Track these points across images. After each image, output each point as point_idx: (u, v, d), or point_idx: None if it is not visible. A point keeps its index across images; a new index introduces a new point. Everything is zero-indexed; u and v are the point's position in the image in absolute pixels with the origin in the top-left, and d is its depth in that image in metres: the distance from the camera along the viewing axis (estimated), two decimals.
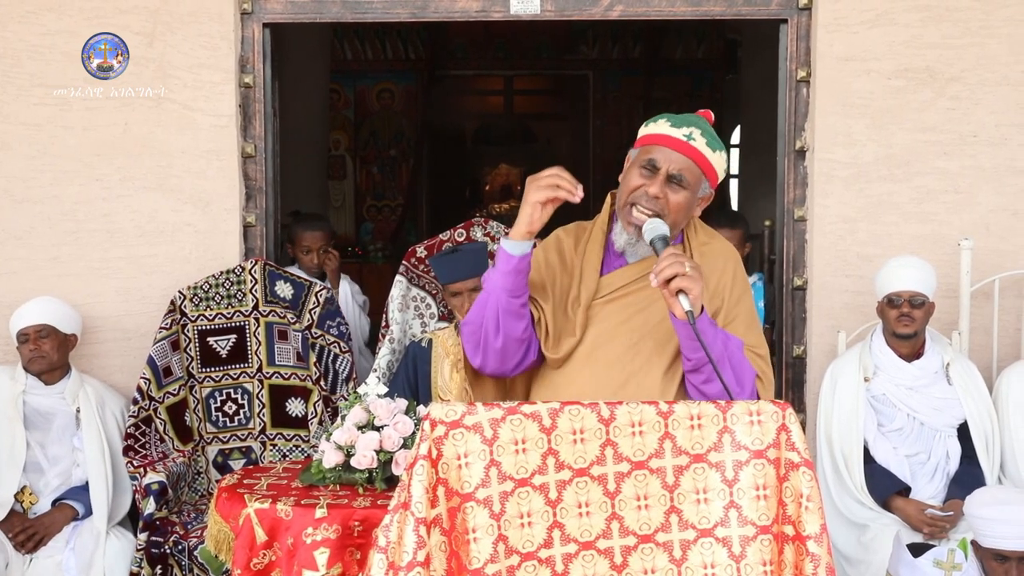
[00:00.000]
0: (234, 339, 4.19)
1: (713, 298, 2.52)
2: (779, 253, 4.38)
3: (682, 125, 2.52)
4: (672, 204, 2.49)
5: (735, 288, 2.54)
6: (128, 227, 4.28)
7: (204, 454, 4.18)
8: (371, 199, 11.86)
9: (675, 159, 2.50)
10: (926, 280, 3.76)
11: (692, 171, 2.51)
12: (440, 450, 2.01)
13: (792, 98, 4.29)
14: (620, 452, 2.05)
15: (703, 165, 2.52)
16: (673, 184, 2.49)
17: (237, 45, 4.26)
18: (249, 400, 4.22)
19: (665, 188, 2.49)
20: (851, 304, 4.19)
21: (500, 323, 2.48)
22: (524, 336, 2.51)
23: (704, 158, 2.52)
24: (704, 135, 2.53)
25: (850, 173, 4.21)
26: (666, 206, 2.49)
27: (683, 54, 11.77)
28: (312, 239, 5.00)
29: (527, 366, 2.59)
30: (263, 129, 4.33)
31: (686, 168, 2.50)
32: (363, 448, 3.10)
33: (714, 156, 2.53)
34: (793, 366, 4.35)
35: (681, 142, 2.51)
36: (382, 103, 11.90)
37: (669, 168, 2.49)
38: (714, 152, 2.52)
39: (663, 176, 2.49)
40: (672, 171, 2.49)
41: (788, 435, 2.07)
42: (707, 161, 2.52)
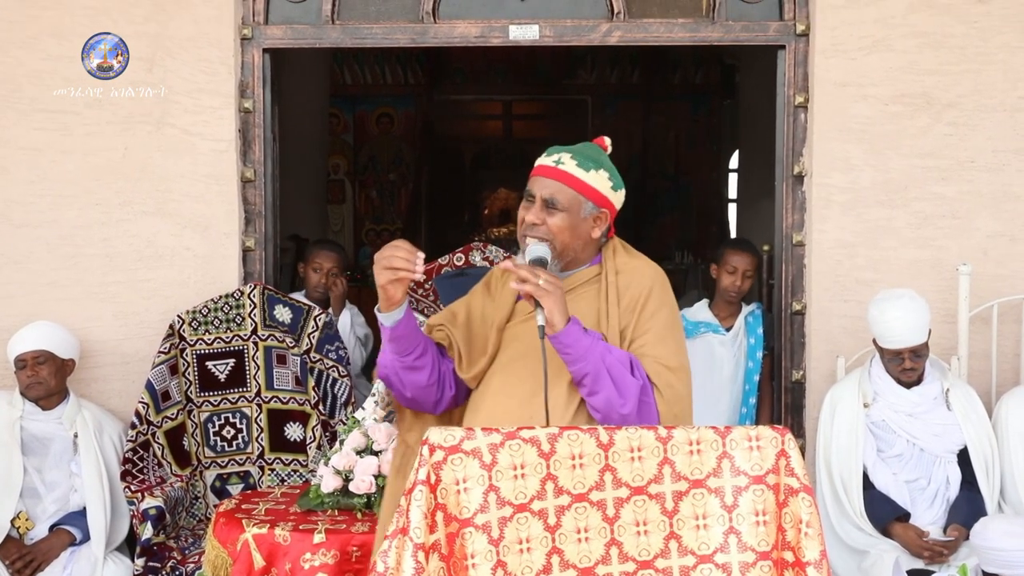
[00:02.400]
0: (233, 363, 4.19)
1: (624, 313, 2.59)
2: (778, 278, 4.39)
3: (554, 153, 2.67)
4: (552, 227, 2.60)
5: (649, 304, 2.60)
6: (127, 251, 4.28)
7: (202, 479, 4.17)
8: (370, 223, 11.87)
9: (546, 185, 2.62)
10: (923, 327, 3.72)
11: (564, 193, 2.61)
12: (439, 475, 2.01)
13: (790, 123, 4.31)
14: (619, 477, 2.05)
15: (576, 186, 2.61)
16: (549, 208, 2.61)
17: (237, 70, 4.28)
18: (247, 424, 4.21)
19: (542, 214, 2.62)
20: (850, 329, 4.19)
21: (402, 379, 2.62)
22: (430, 382, 2.63)
23: (575, 179, 2.62)
24: (575, 158, 2.65)
25: (848, 198, 4.22)
26: (548, 230, 2.60)
27: (681, 79, 11.82)
28: (325, 259, 4.99)
29: (450, 402, 2.69)
30: (262, 154, 4.35)
31: (557, 191, 2.61)
32: (362, 473, 3.10)
33: (588, 175, 2.62)
34: (792, 391, 4.34)
35: (549, 168, 2.64)
36: (381, 127, 11.93)
37: (542, 193, 2.62)
38: (587, 172, 2.63)
39: (538, 203, 2.62)
40: (544, 196, 2.62)
41: (787, 460, 2.07)
42: (579, 181, 2.62)
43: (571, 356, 2.45)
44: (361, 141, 11.89)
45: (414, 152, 11.89)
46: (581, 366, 2.45)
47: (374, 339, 5.12)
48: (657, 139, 11.91)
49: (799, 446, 2.19)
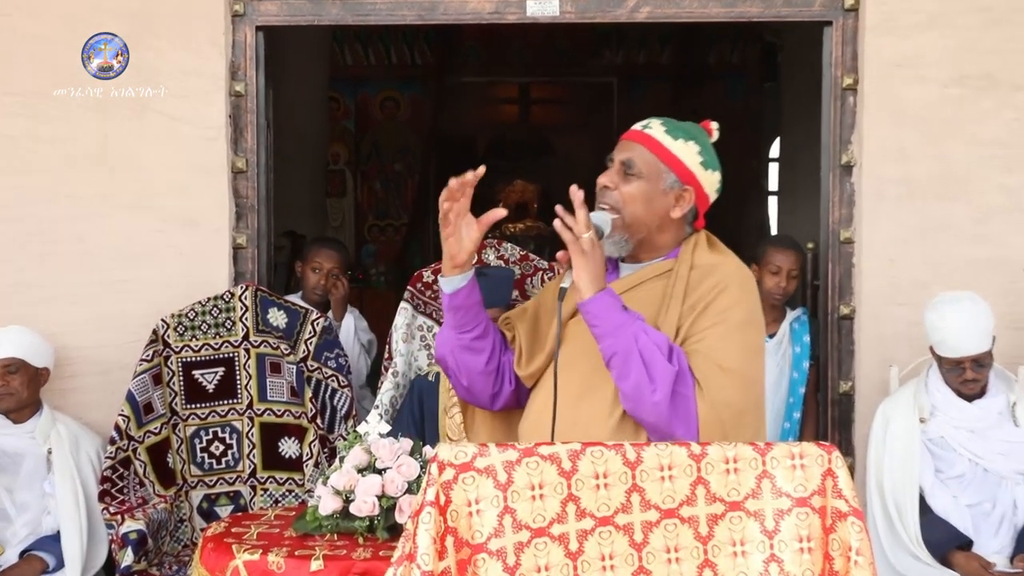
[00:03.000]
0: (222, 372, 4.20)
1: (687, 311, 2.55)
2: (823, 279, 4.38)
3: (646, 121, 2.66)
4: (624, 195, 2.59)
5: (719, 301, 2.54)
6: (105, 249, 4.30)
7: (188, 499, 4.19)
8: (373, 218, 11.91)
9: (627, 147, 2.62)
10: (986, 333, 3.71)
11: (645, 158, 2.60)
12: (449, 496, 2.01)
13: (837, 108, 4.30)
14: (648, 499, 2.05)
15: (659, 152, 2.60)
16: (625, 173, 2.60)
17: (228, 50, 4.30)
18: (238, 440, 4.23)
19: (616, 178, 2.61)
20: (904, 335, 4.18)
21: (458, 360, 2.64)
22: (488, 369, 2.66)
23: (659, 144, 2.61)
24: (665, 124, 2.64)
25: (902, 191, 4.21)
26: (619, 198, 2.59)
27: (717, 60, 11.81)
28: (325, 257, 5.01)
29: (510, 398, 2.72)
30: (255, 142, 4.36)
31: (637, 155, 2.60)
32: (363, 493, 3.10)
33: (676, 144, 2.61)
34: (839, 404, 4.33)
35: (635, 132, 2.65)
36: (386, 113, 11.97)
37: (620, 156, 2.62)
38: (675, 140, 2.61)
39: (615, 166, 2.62)
40: (622, 158, 2.61)
41: (835, 481, 2.06)
42: (663, 148, 2.60)
43: (599, 330, 2.44)
44: (364, 128, 11.93)
45: (421, 140, 11.93)
46: (610, 343, 2.43)
47: (378, 346, 5.13)
48: None
49: (848, 465, 2.19)
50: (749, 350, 2.56)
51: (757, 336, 2.60)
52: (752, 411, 2.55)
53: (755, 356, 2.59)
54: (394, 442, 3.21)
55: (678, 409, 2.42)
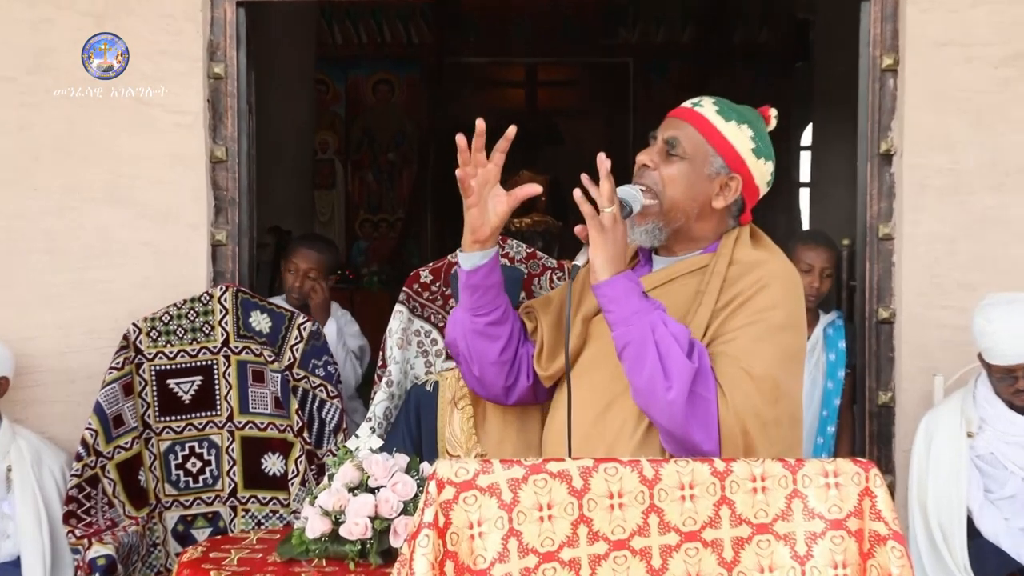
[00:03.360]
0: (199, 381, 4.21)
1: (720, 309, 2.53)
2: (860, 279, 4.37)
3: (696, 98, 2.65)
4: (664, 176, 2.57)
5: (756, 300, 2.52)
6: (72, 247, 4.31)
7: (162, 521, 4.19)
8: (365, 212, 11.93)
9: (673, 124, 2.60)
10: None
11: (692, 138, 2.58)
12: (449, 517, 2.01)
13: (875, 91, 4.29)
14: (667, 520, 2.05)
15: (708, 133, 2.58)
16: (669, 153, 2.58)
17: (205, 28, 4.30)
18: (217, 456, 4.23)
19: (658, 158, 2.59)
20: (949, 342, 4.17)
21: (470, 346, 2.64)
22: (502, 359, 2.66)
23: (709, 124, 2.58)
24: (716, 103, 2.62)
25: (947, 182, 4.21)
26: (659, 179, 2.57)
27: (743, 38, 11.83)
28: (302, 258, 5.05)
29: (526, 393, 2.71)
30: (236, 129, 4.36)
31: (683, 134, 2.58)
32: (355, 514, 3.10)
33: (728, 127, 2.59)
34: (878, 416, 4.33)
35: (684, 109, 2.63)
36: (379, 97, 11.99)
37: (664, 134, 2.59)
38: (727, 122, 2.59)
39: (658, 143, 2.59)
40: (666, 136, 2.58)
41: (873, 501, 2.06)
42: (714, 129, 2.58)
43: (613, 316, 2.43)
44: (354, 113, 11.95)
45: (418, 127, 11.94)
46: (623, 331, 2.42)
47: (371, 353, 5.14)
48: None
49: (887, 484, 2.19)
50: (786, 357, 2.54)
51: (797, 342, 2.58)
52: (785, 424, 2.54)
53: (792, 364, 2.57)
54: (388, 458, 3.21)
55: (696, 411, 2.40)
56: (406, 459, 3.24)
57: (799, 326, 2.60)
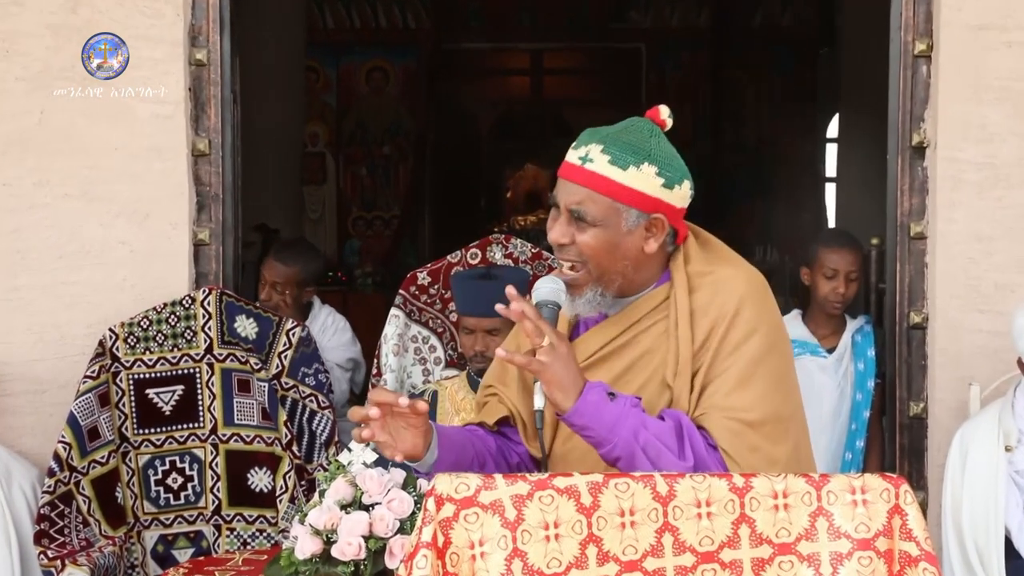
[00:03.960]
0: (181, 391, 4.21)
1: (700, 352, 2.53)
2: (890, 282, 4.37)
3: (581, 145, 2.59)
4: (583, 248, 2.56)
5: (733, 332, 2.52)
6: (43, 247, 4.31)
7: (140, 541, 4.19)
8: (358, 209, 11.93)
9: (571, 191, 2.57)
10: None
11: (595, 202, 2.55)
12: (448, 536, 2.01)
13: (907, 78, 4.29)
14: (682, 540, 2.05)
15: (611, 191, 2.54)
16: (577, 222, 2.56)
17: (187, 11, 4.30)
18: (200, 470, 4.23)
19: (570, 229, 2.57)
20: (986, 348, 4.17)
21: None
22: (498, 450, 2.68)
23: (608, 181, 2.54)
24: (608, 151, 2.56)
25: (985, 176, 4.20)
26: (579, 251, 2.56)
27: (764, 22, 11.82)
28: (269, 271, 5.05)
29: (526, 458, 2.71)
30: (219, 120, 4.36)
31: (586, 200, 2.55)
32: (347, 534, 3.10)
33: (627, 175, 2.54)
34: (909, 429, 4.33)
35: (575, 168, 2.58)
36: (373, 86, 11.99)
37: (566, 203, 2.57)
38: (625, 170, 2.54)
39: (563, 216, 2.57)
40: (570, 206, 2.56)
41: (903, 520, 2.06)
42: (614, 185, 2.54)
43: (594, 439, 2.44)
44: (347, 103, 11.95)
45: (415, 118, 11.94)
46: (608, 449, 2.43)
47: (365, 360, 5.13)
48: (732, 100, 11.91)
49: (919, 501, 2.19)
50: (777, 381, 2.55)
51: (783, 357, 2.59)
52: (802, 445, 2.56)
53: (785, 382, 2.58)
54: (383, 473, 3.21)
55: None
56: (403, 474, 3.24)
57: (780, 337, 2.60)
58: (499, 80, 12.58)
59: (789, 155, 11.60)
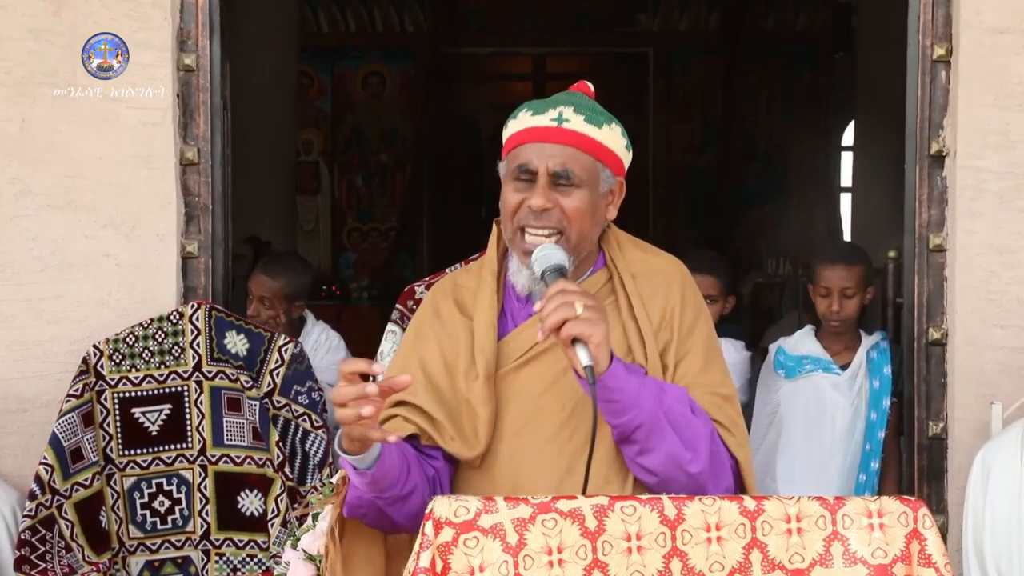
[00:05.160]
0: (168, 410, 4.21)
1: (660, 331, 2.59)
2: (908, 296, 4.37)
3: (547, 108, 2.61)
4: (569, 212, 2.55)
5: (686, 314, 2.61)
6: (25, 259, 4.31)
7: (126, 567, 4.19)
8: (354, 220, 11.93)
9: (552, 153, 2.57)
10: None
11: (580, 161, 2.57)
12: (447, 562, 2.01)
13: (926, 84, 4.29)
14: (691, 565, 2.05)
15: (592, 149, 2.58)
16: (561, 186, 2.56)
17: (175, 15, 4.31)
18: (188, 493, 4.23)
19: (552, 194, 2.56)
20: (1009, 366, 4.17)
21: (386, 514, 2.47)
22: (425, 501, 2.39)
23: (588, 139, 2.58)
24: (579, 110, 2.60)
25: (1007, 186, 4.21)
26: (563, 217, 2.55)
27: (777, 26, 11.83)
28: (256, 285, 5.10)
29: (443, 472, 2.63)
30: (209, 127, 4.37)
31: (570, 160, 2.56)
32: None
33: (603, 133, 2.59)
34: (929, 449, 4.32)
35: (551, 130, 2.59)
36: (369, 91, 12.01)
37: (548, 165, 2.56)
38: (600, 128, 2.59)
39: (543, 179, 2.56)
40: (553, 167, 2.56)
41: (922, 545, 2.06)
42: (594, 142, 2.58)
43: (620, 404, 2.42)
44: (342, 110, 11.97)
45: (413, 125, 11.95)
46: (632, 416, 2.43)
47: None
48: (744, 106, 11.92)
49: (939, 525, 2.19)
50: (724, 363, 2.68)
51: (714, 334, 2.71)
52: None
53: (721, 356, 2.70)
54: None
55: (717, 471, 2.47)
56: None
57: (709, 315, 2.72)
58: (500, 85, 12.59)
59: (802, 164, 11.60)
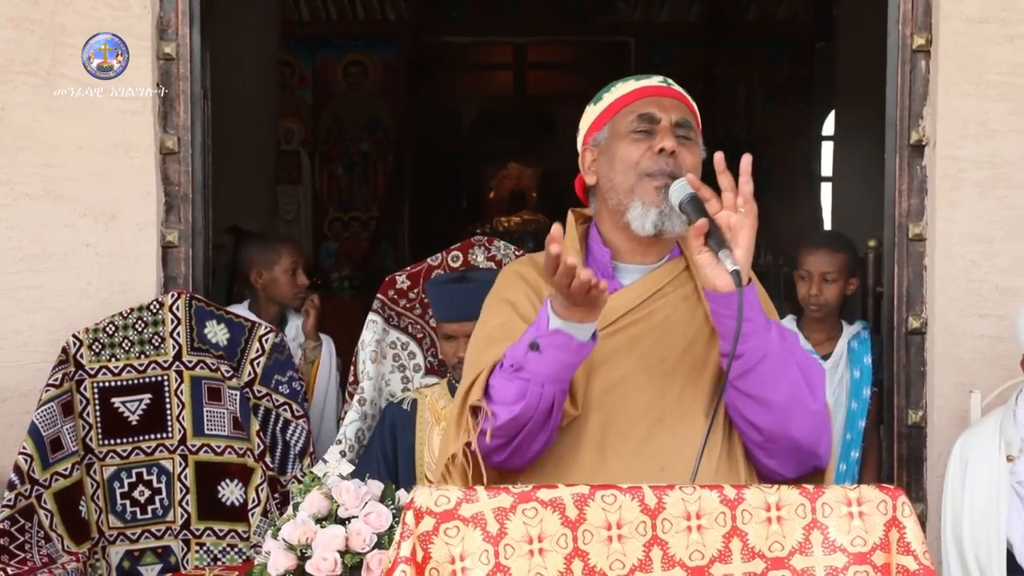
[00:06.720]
0: (148, 400, 4.20)
1: None
2: (888, 285, 4.38)
3: (648, 76, 2.65)
4: (689, 165, 2.54)
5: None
6: (3, 248, 4.29)
7: (105, 557, 4.18)
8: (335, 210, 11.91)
9: (671, 105, 2.58)
10: None
11: (692, 120, 2.61)
12: (428, 551, 2.01)
13: (906, 74, 4.30)
14: (671, 554, 2.05)
15: (695, 114, 2.62)
16: (681, 137, 2.55)
17: (154, 3, 4.29)
18: (168, 483, 4.22)
19: (674, 143, 2.54)
20: (988, 354, 4.18)
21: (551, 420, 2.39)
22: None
23: (689, 101, 2.63)
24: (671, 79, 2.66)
25: (986, 176, 4.22)
26: (684, 168, 2.52)
27: (758, 15, 11.84)
28: (292, 254, 5.08)
29: None
30: (189, 116, 4.36)
31: (688, 115, 2.60)
32: (323, 548, 3.10)
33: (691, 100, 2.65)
34: (908, 438, 4.33)
35: (665, 88, 2.62)
36: (350, 80, 11.98)
37: (676, 117, 2.57)
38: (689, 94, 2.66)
39: (668, 127, 2.55)
40: (676, 118, 2.56)
41: (901, 533, 2.07)
42: (692, 105, 2.63)
43: (754, 323, 2.35)
44: (323, 99, 11.93)
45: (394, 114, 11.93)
46: (759, 342, 2.37)
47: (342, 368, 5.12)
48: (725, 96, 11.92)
49: (918, 513, 2.19)
50: None
51: None
52: None
53: None
54: (360, 485, 3.21)
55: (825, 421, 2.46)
56: (380, 486, 3.24)
57: None
58: (481, 75, 12.57)
59: (783, 153, 11.60)
